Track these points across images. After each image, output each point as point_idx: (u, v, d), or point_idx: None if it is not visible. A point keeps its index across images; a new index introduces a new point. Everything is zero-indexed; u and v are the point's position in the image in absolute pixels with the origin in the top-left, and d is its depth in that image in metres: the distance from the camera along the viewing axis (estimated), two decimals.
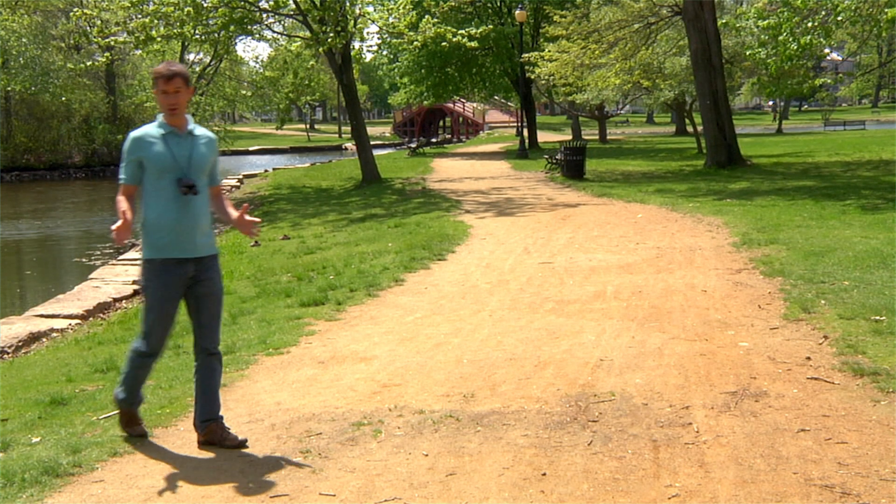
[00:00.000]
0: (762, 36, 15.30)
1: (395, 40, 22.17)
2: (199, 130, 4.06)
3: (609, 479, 3.53)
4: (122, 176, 3.97)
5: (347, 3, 19.51)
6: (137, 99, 42.47)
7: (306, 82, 26.27)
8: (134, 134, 3.96)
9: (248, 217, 4.11)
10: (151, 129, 3.97)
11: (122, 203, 3.88)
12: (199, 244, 3.99)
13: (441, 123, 66.08)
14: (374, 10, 21.21)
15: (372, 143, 24.14)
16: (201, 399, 4.11)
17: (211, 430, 4.09)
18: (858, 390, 4.45)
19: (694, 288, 7.17)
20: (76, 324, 8.33)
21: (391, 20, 20.37)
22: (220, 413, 4.16)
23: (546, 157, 23.96)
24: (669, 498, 3.35)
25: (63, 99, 38.41)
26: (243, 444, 4.08)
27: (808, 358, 5.04)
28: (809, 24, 14.14)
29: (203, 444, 4.08)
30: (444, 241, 10.50)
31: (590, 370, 5.02)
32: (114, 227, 3.76)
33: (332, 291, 7.87)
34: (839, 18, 13.73)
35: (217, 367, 4.19)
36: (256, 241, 12.36)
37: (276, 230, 13.64)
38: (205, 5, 18.35)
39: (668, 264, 8.32)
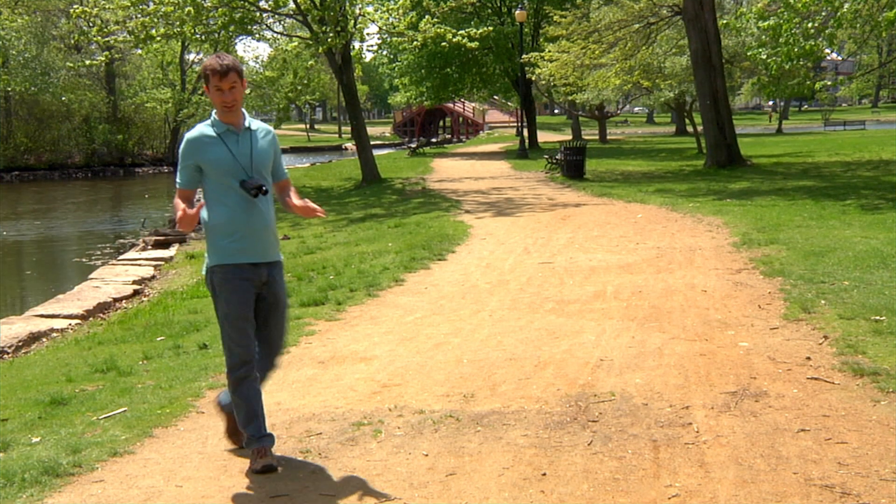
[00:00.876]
0: (762, 37, 15.30)
1: (395, 39, 22.16)
2: (256, 124, 3.79)
3: (609, 479, 3.53)
4: (178, 180, 3.71)
5: (347, 3, 19.52)
6: (138, 99, 42.55)
7: (305, 82, 26.28)
8: (189, 135, 3.69)
9: (311, 205, 3.85)
10: (206, 130, 3.69)
11: (180, 203, 3.65)
12: (271, 247, 3.77)
13: (441, 123, 66.09)
14: (374, 11, 21.22)
15: (372, 143, 24.15)
16: (262, 412, 3.86)
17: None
18: (858, 390, 4.45)
19: (694, 288, 7.17)
20: (76, 324, 8.33)
21: (391, 20, 20.38)
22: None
23: (546, 157, 23.96)
24: (669, 498, 3.35)
25: (63, 99, 38.44)
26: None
27: (808, 358, 5.04)
28: (810, 26, 14.13)
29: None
30: (444, 241, 10.50)
31: (590, 370, 5.02)
32: (178, 215, 3.55)
33: (332, 291, 7.87)
34: (840, 24, 13.72)
35: (271, 377, 4.02)
36: None
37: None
38: (205, 5, 18.36)
39: (668, 264, 8.32)
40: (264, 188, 3.65)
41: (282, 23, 28.71)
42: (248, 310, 3.69)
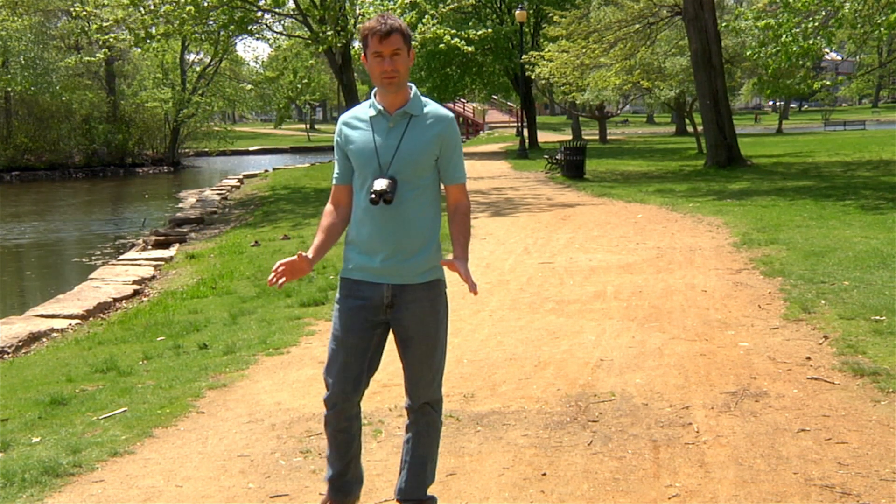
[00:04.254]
0: (762, 37, 15.31)
1: None
2: (428, 108, 2.97)
3: (609, 479, 3.53)
4: (334, 173, 3.12)
5: (347, 3, 19.53)
6: (138, 99, 42.55)
7: (305, 81, 26.32)
8: (342, 116, 3.06)
9: (466, 275, 3.02)
10: (361, 111, 3.02)
11: (323, 221, 3.05)
12: (403, 267, 2.99)
13: None
14: (374, 11, 21.23)
15: None
16: (404, 469, 3.14)
17: None
18: (858, 390, 4.45)
19: (694, 288, 7.18)
20: (76, 324, 8.32)
21: None
22: (429, 493, 3.17)
23: (546, 157, 23.96)
24: (669, 498, 3.35)
25: (63, 99, 38.43)
26: None
27: (808, 358, 5.04)
28: (810, 25, 14.15)
29: None
30: (444, 241, 10.49)
31: (590, 370, 5.02)
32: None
33: (333, 291, 7.86)
34: (840, 24, 13.74)
35: (427, 432, 3.13)
36: (256, 241, 12.36)
37: (277, 230, 13.65)
38: (205, 5, 18.37)
39: (668, 264, 8.32)
40: (387, 195, 2.87)
41: (282, 23, 28.73)
42: (354, 338, 3.01)
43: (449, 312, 3.23)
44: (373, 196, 2.87)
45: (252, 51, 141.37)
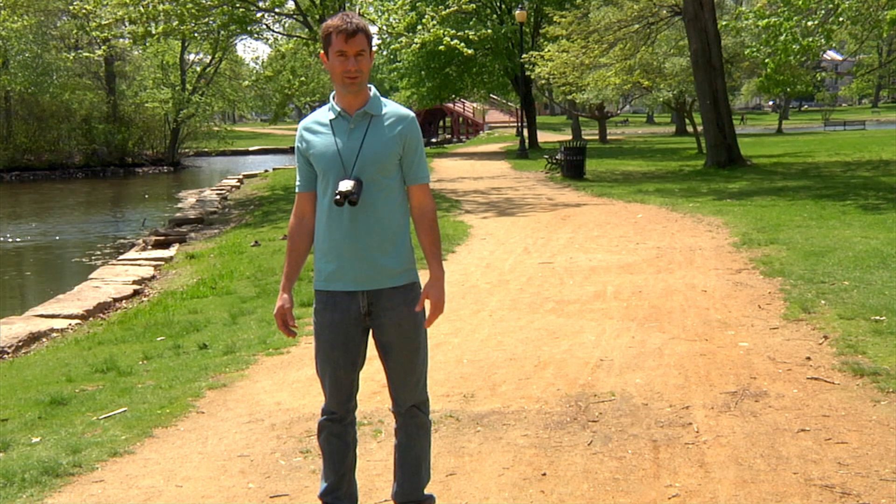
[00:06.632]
0: (762, 36, 15.32)
1: (394, 45, 22.21)
2: (387, 108, 2.93)
3: (609, 479, 3.53)
4: (296, 181, 3.05)
5: (347, 3, 19.52)
6: (138, 99, 42.55)
7: (303, 79, 26.45)
8: (302, 122, 3.02)
9: (428, 304, 3.02)
10: (321, 115, 2.97)
11: (289, 244, 3.05)
12: (376, 272, 2.92)
13: (441, 123, 66.08)
14: (374, 11, 21.23)
15: None
16: (398, 473, 3.13)
17: None
18: (858, 390, 4.45)
19: (694, 288, 7.17)
20: (76, 324, 8.33)
21: (391, 20, 20.40)
22: (428, 492, 3.19)
23: (546, 157, 23.95)
24: (669, 498, 3.35)
25: (63, 99, 38.44)
26: None
27: (808, 358, 5.04)
28: (810, 24, 14.16)
29: None
30: (443, 241, 10.45)
31: (590, 370, 5.02)
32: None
33: None
34: (840, 19, 13.75)
35: (417, 434, 3.10)
36: (256, 241, 12.36)
37: (277, 230, 13.65)
38: (205, 4, 18.36)
39: (668, 264, 8.32)
40: (352, 196, 2.81)
41: (282, 23, 28.74)
42: (339, 353, 2.98)
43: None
44: (337, 197, 2.81)
45: (252, 51, 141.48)
